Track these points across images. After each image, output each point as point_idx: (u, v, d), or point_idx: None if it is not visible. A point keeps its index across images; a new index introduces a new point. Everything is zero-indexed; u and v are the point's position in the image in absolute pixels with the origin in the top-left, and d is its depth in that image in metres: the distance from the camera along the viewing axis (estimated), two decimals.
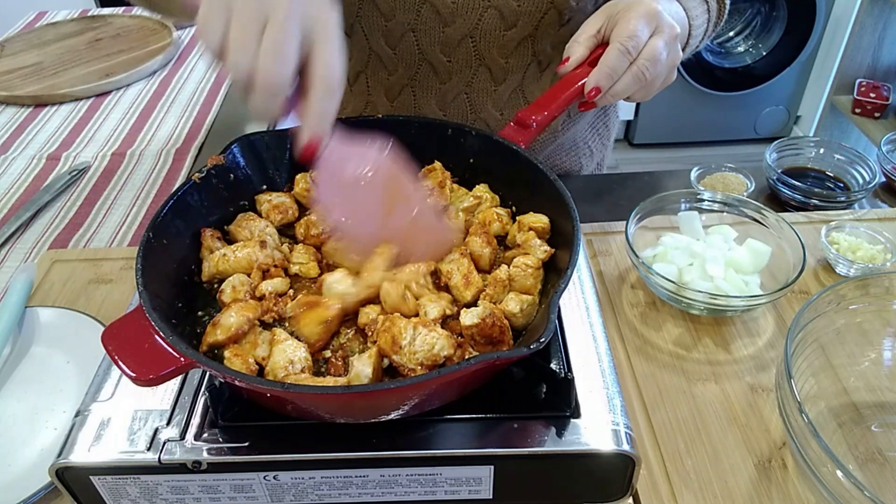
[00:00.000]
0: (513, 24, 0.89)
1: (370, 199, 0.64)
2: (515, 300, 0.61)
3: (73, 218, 1.09)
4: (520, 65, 0.96)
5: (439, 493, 0.58)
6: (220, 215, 0.72)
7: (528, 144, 0.74)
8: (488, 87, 0.98)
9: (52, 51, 1.59)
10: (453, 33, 0.91)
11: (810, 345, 0.70)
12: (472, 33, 0.91)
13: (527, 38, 0.92)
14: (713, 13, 0.87)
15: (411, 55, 0.95)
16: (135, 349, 0.52)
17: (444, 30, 0.91)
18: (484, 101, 1.00)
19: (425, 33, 0.91)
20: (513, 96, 1.00)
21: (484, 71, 0.96)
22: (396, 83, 1.01)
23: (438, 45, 0.93)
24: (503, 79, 0.97)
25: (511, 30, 0.90)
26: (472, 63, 0.95)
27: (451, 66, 0.95)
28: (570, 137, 1.13)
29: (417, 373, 0.55)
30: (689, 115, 3.21)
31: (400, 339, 0.56)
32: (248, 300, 0.63)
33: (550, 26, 0.90)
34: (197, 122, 1.34)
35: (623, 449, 0.55)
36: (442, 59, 0.94)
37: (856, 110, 2.71)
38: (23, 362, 0.79)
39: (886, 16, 2.62)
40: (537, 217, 0.70)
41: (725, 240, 0.84)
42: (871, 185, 1.00)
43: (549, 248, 0.66)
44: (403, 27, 0.91)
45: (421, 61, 0.97)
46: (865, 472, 0.65)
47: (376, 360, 0.56)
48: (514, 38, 0.91)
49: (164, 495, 0.58)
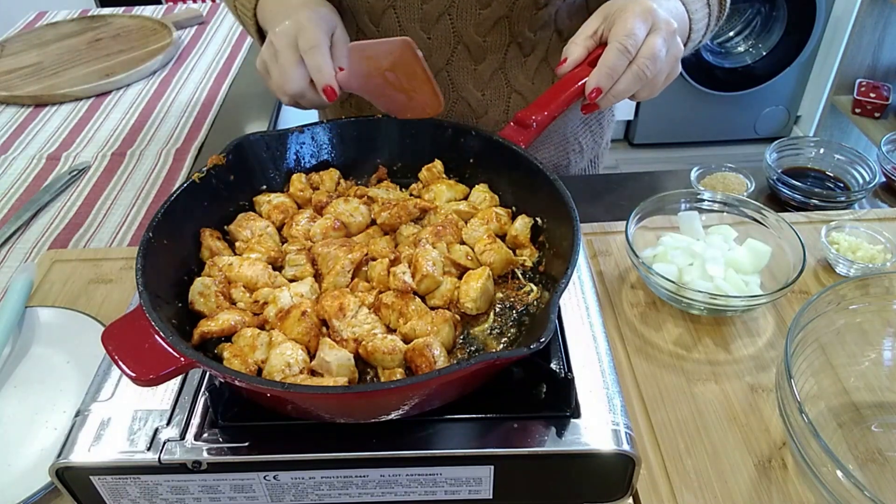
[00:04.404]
0: (487, 4, 0.92)
1: (388, 84, 0.79)
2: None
3: (73, 218, 1.09)
4: (498, 44, 0.98)
5: (439, 493, 0.58)
6: (220, 215, 0.72)
7: (528, 144, 0.74)
8: (468, 65, 1.00)
9: (52, 51, 1.60)
10: (431, 10, 0.93)
11: (810, 345, 0.70)
12: (450, 11, 0.93)
13: (503, 18, 0.94)
14: (714, 8, 0.87)
15: (393, 32, 0.97)
16: (135, 349, 0.52)
17: (423, 6, 0.93)
18: (465, 80, 1.02)
19: (405, 10, 0.94)
20: (494, 77, 1.02)
21: (462, 49, 0.98)
22: None
23: (418, 21, 0.95)
24: (482, 57, 0.99)
25: (486, 8, 0.92)
26: (451, 40, 0.97)
27: (430, 43, 0.97)
28: (558, 132, 1.13)
29: (350, 346, 0.60)
30: (689, 115, 3.21)
31: (347, 309, 0.61)
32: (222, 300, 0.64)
33: (526, 8, 0.92)
34: (197, 122, 1.34)
35: (623, 449, 0.55)
36: (422, 35, 0.96)
37: (856, 110, 2.71)
38: (23, 362, 0.79)
39: (886, 16, 2.62)
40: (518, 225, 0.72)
41: (725, 240, 0.84)
42: (871, 185, 1.00)
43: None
44: (385, 4, 0.94)
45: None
46: (865, 472, 0.65)
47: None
48: (489, 17, 0.94)
49: (164, 495, 0.58)
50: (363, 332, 0.61)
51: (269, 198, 0.74)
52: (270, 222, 0.72)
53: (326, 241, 0.69)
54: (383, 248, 0.69)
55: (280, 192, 0.77)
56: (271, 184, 0.77)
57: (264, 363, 0.58)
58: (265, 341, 0.59)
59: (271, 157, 0.77)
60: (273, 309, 0.62)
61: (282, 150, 0.78)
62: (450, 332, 0.61)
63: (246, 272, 0.65)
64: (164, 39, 1.61)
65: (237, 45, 1.67)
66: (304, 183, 0.76)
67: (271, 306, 0.62)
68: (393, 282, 0.64)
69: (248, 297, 0.64)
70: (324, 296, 0.63)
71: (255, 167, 0.76)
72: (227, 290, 0.65)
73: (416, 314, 0.62)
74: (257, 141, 0.75)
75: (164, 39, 1.61)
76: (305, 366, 0.57)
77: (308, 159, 0.80)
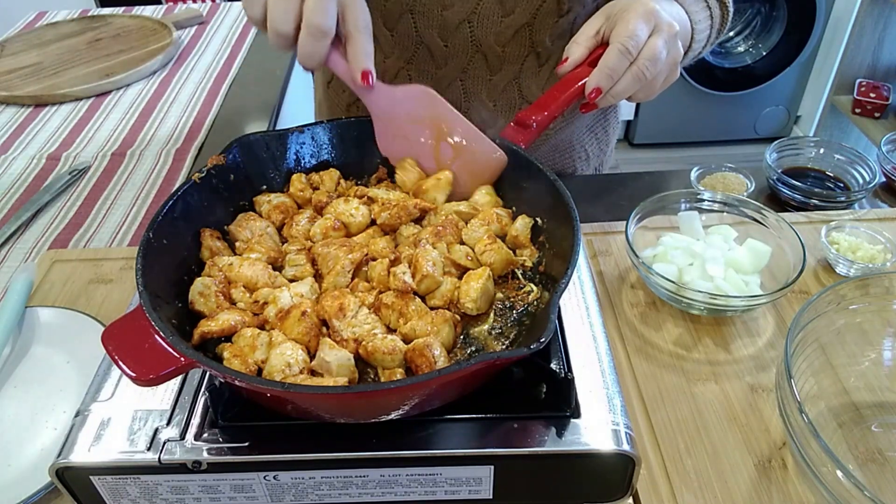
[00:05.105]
0: (511, 11, 0.90)
1: (420, 133, 0.75)
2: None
3: (73, 218, 1.09)
4: (517, 55, 0.96)
5: (439, 493, 0.58)
6: (220, 215, 0.72)
7: (528, 145, 0.74)
8: (484, 74, 0.98)
9: (52, 51, 1.60)
10: (451, 17, 0.91)
11: (810, 345, 0.70)
12: (470, 18, 0.91)
13: (524, 27, 0.92)
14: (716, 19, 0.87)
15: (409, 38, 0.95)
16: (135, 349, 0.52)
17: (443, 13, 0.91)
18: (479, 90, 1.00)
19: (423, 15, 0.92)
20: (508, 87, 1.00)
21: (480, 58, 0.96)
22: (392, 66, 1.02)
23: (436, 28, 0.93)
24: (499, 67, 0.97)
25: (509, 16, 0.90)
26: (468, 49, 0.95)
27: (447, 51, 0.95)
28: (565, 139, 1.13)
29: (350, 346, 0.60)
30: (689, 115, 3.21)
31: (347, 309, 0.61)
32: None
33: (549, 15, 0.90)
34: (197, 122, 1.34)
35: (623, 449, 0.55)
36: (439, 42, 0.94)
37: (856, 110, 2.71)
38: (23, 362, 0.79)
39: (886, 16, 2.62)
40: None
41: (725, 240, 0.84)
42: (871, 185, 1.00)
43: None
44: (402, 8, 0.91)
45: (418, 44, 0.97)
46: (865, 472, 0.65)
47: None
48: (511, 26, 0.91)
49: (164, 495, 0.58)
50: (363, 332, 0.61)
51: (269, 198, 0.74)
52: (270, 222, 0.72)
53: (326, 241, 0.69)
54: (383, 248, 0.69)
55: (280, 192, 0.76)
56: (271, 184, 0.77)
57: (264, 363, 0.57)
58: (265, 341, 0.59)
59: (271, 157, 0.77)
60: (273, 309, 0.62)
61: (282, 149, 0.78)
62: (450, 332, 0.61)
63: (246, 272, 0.65)
64: (164, 39, 1.61)
65: (237, 45, 1.67)
66: (304, 183, 0.76)
67: (271, 306, 0.62)
68: (393, 282, 0.64)
69: (248, 297, 0.64)
70: (324, 296, 0.63)
71: (255, 167, 0.75)
72: (227, 290, 0.65)
73: (416, 314, 0.62)
74: (257, 141, 0.75)
75: (164, 39, 1.61)
76: (305, 366, 0.57)
77: (308, 159, 0.80)
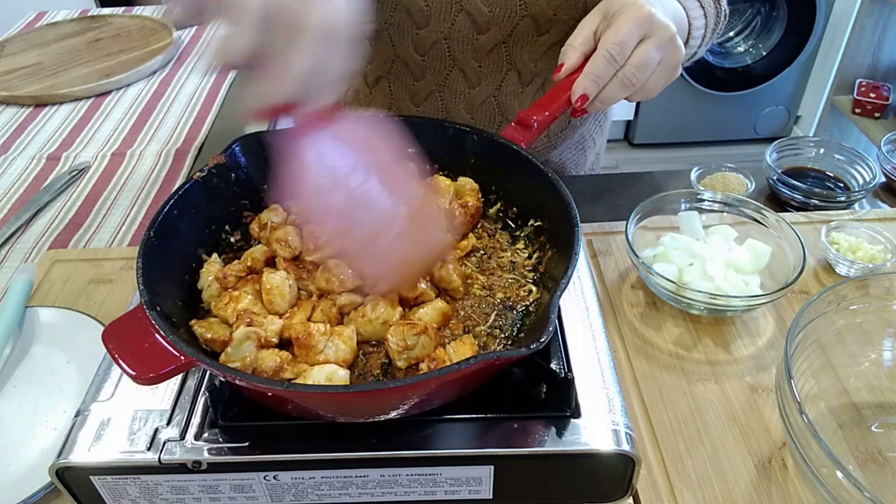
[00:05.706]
0: (485, 30, 0.90)
1: (351, 212, 0.58)
2: None
3: (73, 218, 1.09)
4: (495, 70, 0.96)
5: (439, 493, 0.58)
6: (220, 215, 0.72)
7: (528, 144, 0.74)
8: (462, 88, 0.99)
9: (52, 51, 1.59)
10: (427, 35, 0.92)
11: (810, 345, 0.70)
12: (447, 36, 0.92)
13: (500, 45, 0.92)
14: (710, 18, 0.87)
15: (386, 52, 0.96)
16: (135, 348, 0.52)
17: (418, 32, 0.91)
18: (457, 104, 1.01)
19: (399, 34, 0.92)
20: (486, 102, 1.01)
21: (458, 72, 0.97)
22: (371, 75, 1.04)
23: (412, 44, 0.94)
24: (478, 82, 0.97)
25: (483, 35, 0.90)
26: (446, 63, 0.96)
27: (424, 65, 0.96)
28: (577, 132, 1.15)
29: None
30: (689, 115, 3.21)
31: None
32: None
33: (527, 35, 0.90)
34: (197, 122, 1.34)
35: (623, 449, 0.55)
36: (416, 57, 0.95)
37: (856, 110, 2.71)
38: (23, 362, 0.79)
39: (886, 16, 2.62)
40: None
41: (725, 240, 0.84)
42: (871, 185, 1.00)
43: None
44: (378, 24, 0.92)
45: (395, 58, 0.98)
46: (865, 472, 0.65)
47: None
48: (486, 44, 0.92)
49: (164, 495, 0.58)
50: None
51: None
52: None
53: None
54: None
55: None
56: (271, 183, 0.77)
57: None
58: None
59: (272, 157, 0.77)
60: None
61: None
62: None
63: None
64: (164, 39, 1.61)
65: None
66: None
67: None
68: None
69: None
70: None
71: (255, 166, 0.75)
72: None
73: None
74: (258, 140, 0.75)
75: (164, 39, 1.61)
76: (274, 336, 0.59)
77: None
